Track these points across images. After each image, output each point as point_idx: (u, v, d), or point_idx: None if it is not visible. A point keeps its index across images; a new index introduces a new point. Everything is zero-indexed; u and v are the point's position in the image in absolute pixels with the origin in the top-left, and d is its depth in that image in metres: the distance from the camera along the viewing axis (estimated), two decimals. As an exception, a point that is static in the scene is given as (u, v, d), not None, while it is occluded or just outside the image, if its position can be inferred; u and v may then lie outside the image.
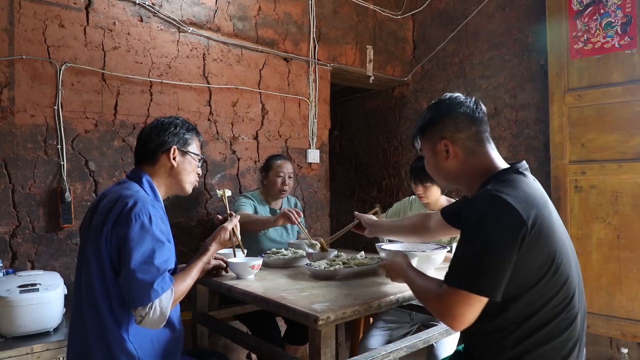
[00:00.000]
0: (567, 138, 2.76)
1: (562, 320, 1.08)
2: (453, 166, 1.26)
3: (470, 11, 3.42)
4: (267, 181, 2.51)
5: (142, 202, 1.30)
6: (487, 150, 1.25)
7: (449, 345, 2.04)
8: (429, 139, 1.30)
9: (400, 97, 4.01)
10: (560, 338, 1.08)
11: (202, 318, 1.93)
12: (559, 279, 1.08)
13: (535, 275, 1.06)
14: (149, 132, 1.51)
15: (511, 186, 1.10)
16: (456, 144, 1.24)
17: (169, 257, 1.32)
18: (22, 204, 2.07)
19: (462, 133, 1.24)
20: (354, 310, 1.32)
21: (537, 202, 1.08)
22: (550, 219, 1.09)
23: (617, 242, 2.57)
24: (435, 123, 1.28)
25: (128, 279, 1.24)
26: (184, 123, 1.56)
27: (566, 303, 1.09)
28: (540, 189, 1.16)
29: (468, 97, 1.30)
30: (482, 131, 1.25)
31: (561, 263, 1.08)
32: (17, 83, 2.06)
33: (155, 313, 1.24)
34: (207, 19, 2.67)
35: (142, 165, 1.50)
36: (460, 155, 1.24)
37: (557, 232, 1.10)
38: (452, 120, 1.25)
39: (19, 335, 1.63)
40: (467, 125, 1.25)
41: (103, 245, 1.28)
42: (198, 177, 1.59)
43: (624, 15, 2.57)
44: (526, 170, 1.20)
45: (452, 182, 1.31)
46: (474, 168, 1.24)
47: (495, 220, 1.04)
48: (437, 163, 1.29)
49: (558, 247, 1.08)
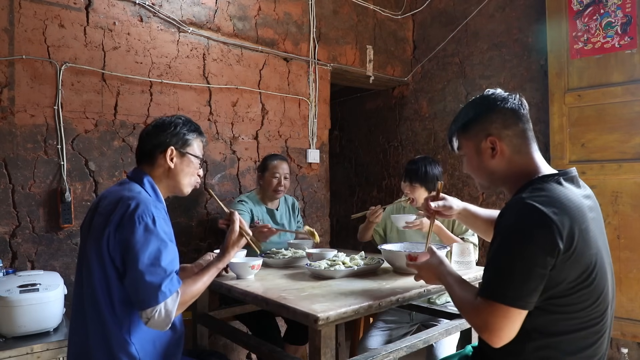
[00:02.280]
0: (567, 138, 2.77)
1: (590, 333, 1.05)
2: (499, 165, 1.20)
3: (470, 11, 3.42)
4: (263, 181, 2.51)
5: (144, 204, 1.30)
6: (532, 151, 1.19)
7: (449, 345, 2.04)
8: (472, 137, 1.23)
9: (400, 97, 4.01)
10: (586, 352, 1.05)
11: (202, 318, 1.93)
12: (593, 292, 1.04)
13: (568, 288, 1.02)
14: (149, 131, 1.48)
15: (546, 196, 1.04)
16: (503, 141, 1.18)
17: (173, 257, 1.32)
18: (22, 204, 2.07)
19: (510, 130, 1.18)
20: (354, 310, 1.32)
21: (573, 213, 1.02)
22: (587, 232, 1.04)
23: (617, 242, 2.57)
24: (479, 119, 1.21)
25: (135, 281, 1.24)
26: (186, 123, 1.51)
27: (597, 317, 1.05)
28: (579, 200, 1.08)
29: (511, 93, 1.24)
30: (528, 128, 1.20)
31: (595, 278, 1.04)
32: (17, 83, 2.06)
33: (160, 315, 1.24)
34: (207, 19, 2.67)
35: (142, 165, 1.48)
36: (506, 153, 1.18)
37: (593, 246, 1.04)
38: (499, 116, 1.19)
39: (19, 335, 1.63)
40: (514, 121, 1.18)
41: (104, 247, 1.27)
42: (199, 178, 1.54)
43: (624, 15, 2.57)
44: (569, 179, 1.13)
45: (496, 182, 1.24)
46: (519, 168, 1.18)
47: (530, 231, 1.00)
48: (481, 162, 1.22)
49: (593, 261, 1.03)
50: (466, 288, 1.18)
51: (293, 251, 2.12)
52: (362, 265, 1.78)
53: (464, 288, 1.19)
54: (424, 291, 1.57)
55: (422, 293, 1.56)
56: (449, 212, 1.55)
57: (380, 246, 1.89)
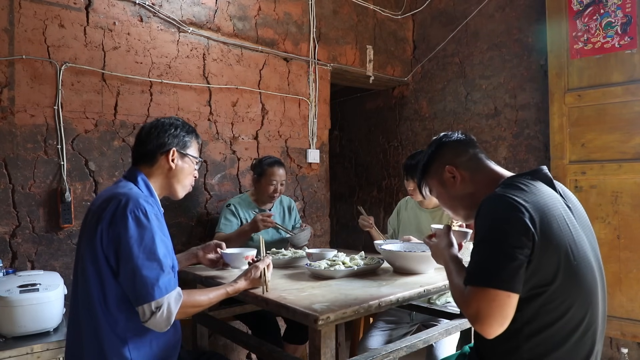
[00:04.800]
0: (567, 138, 2.77)
1: (578, 326, 1.07)
2: (465, 189, 1.30)
3: (470, 11, 3.42)
4: (258, 185, 2.47)
5: (135, 199, 1.30)
6: (489, 165, 1.31)
7: (449, 345, 2.04)
8: (433, 174, 1.37)
9: (400, 97, 4.01)
10: (578, 345, 1.07)
11: (202, 318, 1.93)
12: (575, 282, 1.06)
13: (548, 274, 1.05)
14: (148, 131, 1.49)
15: (517, 187, 1.12)
16: (460, 167, 1.31)
17: (167, 251, 1.32)
18: (22, 204, 2.07)
19: (461, 157, 1.32)
20: (354, 310, 1.32)
21: (543, 201, 1.09)
22: (560, 219, 1.08)
23: (617, 242, 2.57)
24: (434, 158, 1.37)
25: (131, 276, 1.24)
26: (184, 125, 1.54)
27: (585, 310, 1.07)
28: (548, 191, 1.15)
29: (452, 131, 1.40)
30: (478, 152, 1.34)
31: (577, 267, 1.07)
32: (17, 83, 2.06)
33: (162, 315, 1.24)
34: (207, 19, 2.67)
35: (140, 165, 1.49)
36: (467, 176, 1.30)
37: (565, 234, 1.08)
38: (448, 149, 1.35)
39: (19, 335, 1.63)
40: (463, 149, 1.33)
41: (98, 245, 1.27)
42: (194, 180, 1.58)
43: (624, 15, 2.57)
44: (539, 177, 1.19)
45: (471, 207, 1.30)
46: (484, 182, 1.27)
47: (504, 217, 1.06)
48: (449, 192, 1.33)
49: (568, 247, 1.07)
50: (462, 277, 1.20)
51: (293, 251, 2.12)
52: (362, 265, 1.78)
53: (461, 276, 1.20)
54: (424, 291, 1.57)
55: (422, 293, 1.56)
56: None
57: (380, 246, 1.89)
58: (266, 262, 1.58)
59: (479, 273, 1.06)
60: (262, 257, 1.64)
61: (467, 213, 1.35)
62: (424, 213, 2.37)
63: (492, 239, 1.07)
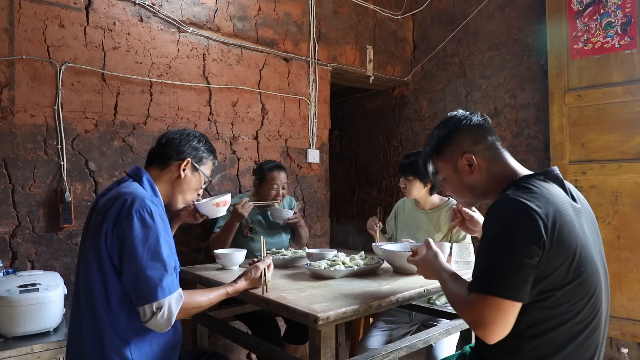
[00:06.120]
0: (567, 138, 2.77)
1: (583, 329, 1.05)
2: (479, 179, 1.25)
3: (470, 11, 3.42)
4: (260, 189, 2.48)
5: (141, 199, 1.30)
6: (507, 157, 1.25)
7: (449, 345, 2.04)
8: (448, 158, 1.29)
9: (400, 97, 4.01)
10: (580, 349, 1.06)
11: (202, 318, 1.93)
12: (583, 287, 1.05)
13: (556, 281, 1.03)
14: (172, 137, 1.53)
15: (530, 190, 1.08)
16: (478, 155, 1.24)
17: (171, 252, 1.32)
18: (22, 204, 2.07)
19: (480, 144, 1.25)
20: (354, 310, 1.32)
21: (555, 206, 1.06)
22: (571, 225, 1.06)
23: (617, 242, 2.57)
24: (450, 140, 1.28)
25: (134, 276, 1.24)
26: (207, 142, 1.59)
27: (590, 313, 1.06)
28: (561, 194, 1.11)
29: (471, 111, 1.31)
30: (496, 139, 1.27)
31: (584, 271, 1.05)
32: (17, 83, 2.06)
33: (163, 316, 1.24)
34: (207, 19, 2.67)
35: (151, 166, 1.51)
36: (483, 166, 1.24)
37: (574, 239, 1.05)
38: (468, 134, 1.26)
39: (19, 335, 1.63)
40: (483, 135, 1.26)
41: (102, 243, 1.27)
42: (197, 197, 1.60)
43: (624, 15, 2.57)
44: (551, 177, 1.16)
45: (479, 196, 1.28)
46: (498, 176, 1.23)
47: (516, 223, 1.03)
48: (462, 180, 1.27)
49: (577, 254, 1.04)
50: (460, 284, 1.19)
51: (293, 251, 2.12)
52: (362, 265, 1.78)
53: (457, 284, 1.19)
54: (424, 291, 1.57)
55: (422, 293, 1.56)
56: (474, 226, 1.58)
57: (380, 246, 1.89)
58: (266, 263, 1.59)
59: (487, 281, 1.04)
60: (262, 257, 1.65)
61: (472, 201, 1.33)
62: (421, 214, 2.37)
63: (503, 245, 1.04)
